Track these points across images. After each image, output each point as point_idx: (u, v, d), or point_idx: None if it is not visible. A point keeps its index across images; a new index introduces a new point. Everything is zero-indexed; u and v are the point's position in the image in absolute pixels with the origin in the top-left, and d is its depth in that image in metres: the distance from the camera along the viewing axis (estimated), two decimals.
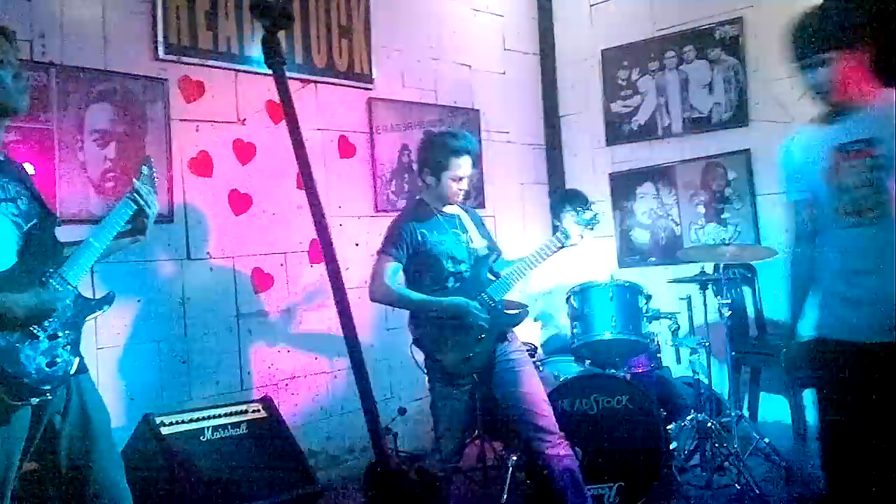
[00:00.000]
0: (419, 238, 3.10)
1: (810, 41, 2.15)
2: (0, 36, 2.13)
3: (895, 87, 2.14)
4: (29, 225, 2.16)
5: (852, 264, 2.17)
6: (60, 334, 2.12)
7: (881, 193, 2.09)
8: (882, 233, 2.10)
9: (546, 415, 3.07)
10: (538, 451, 3.08)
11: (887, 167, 2.08)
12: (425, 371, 3.19)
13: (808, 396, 4.57)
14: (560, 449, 3.05)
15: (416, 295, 3.09)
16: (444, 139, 3.15)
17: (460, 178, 3.12)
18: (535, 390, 3.10)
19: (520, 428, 3.19)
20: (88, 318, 2.24)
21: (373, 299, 3.14)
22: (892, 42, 1.96)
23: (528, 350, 3.50)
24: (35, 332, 2.06)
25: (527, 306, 3.39)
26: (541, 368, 3.80)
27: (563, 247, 3.26)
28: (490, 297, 3.10)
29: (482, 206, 5.16)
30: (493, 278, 3.19)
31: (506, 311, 3.17)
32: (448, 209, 3.22)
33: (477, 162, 3.22)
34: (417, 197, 3.32)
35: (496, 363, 3.12)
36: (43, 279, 2.11)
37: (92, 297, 2.31)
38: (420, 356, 3.17)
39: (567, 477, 3.04)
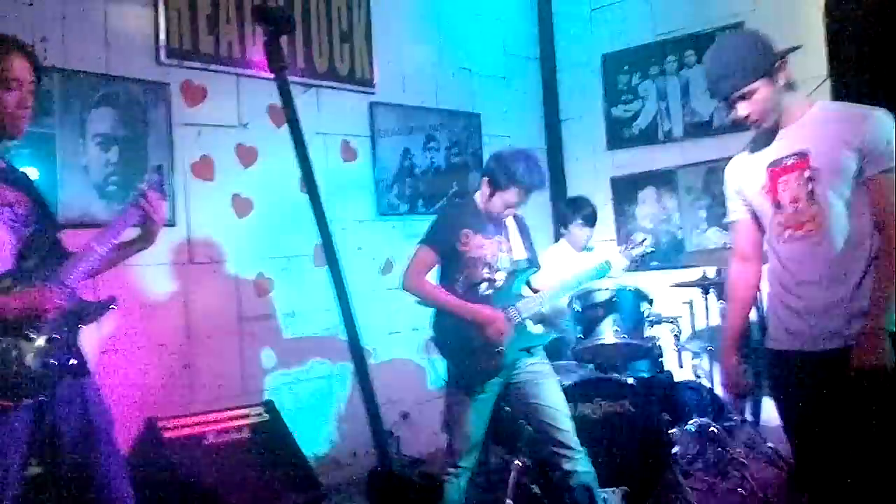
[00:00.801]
0: (462, 237, 3.05)
1: (730, 78, 2.22)
2: (21, 58, 2.09)
3: None
4: (28, 230, 2.16)
5: (796, 276, 2.23)
6: (56, 336, 2.12)
7: (817, 203, 2.16)
8: (821, 243, 2.17)
9: (566, 429, 3.03)
10: (556, 465, 3.05)
11: (819, 177, 2.15)
12: (444, 375, 3.17)
13: None
14: (578, 465, 3.00)
15: (445, 294, 3.05)
16: (516, 168, 3.02)
17: (514, 204, 3.08)
18: (556, 404, 3.06)
19: (539, 441, 3.16)
20: (87, 321, 2.24)
21: (404, 288, 3.11)
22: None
23: None
24: (30, 334, 2.06)
25: (551, 331, 3.36)
26: None
27: (603, 276, 3.26)
28: (518, 312, 3.06)
29: None
30: (527, 293, 3.15)
31: (531, 329, 3.14)
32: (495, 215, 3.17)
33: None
34: (471, 195, 3.25)
35: (517, 374, 3.08)
36: (37, 282, 2.11)
37: (92, 301, 2.30)
38: (435, 355, 3.15)
39: (584, 494, 3.01)
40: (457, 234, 3.06)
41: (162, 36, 3.73)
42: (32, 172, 3.17)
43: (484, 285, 3.08)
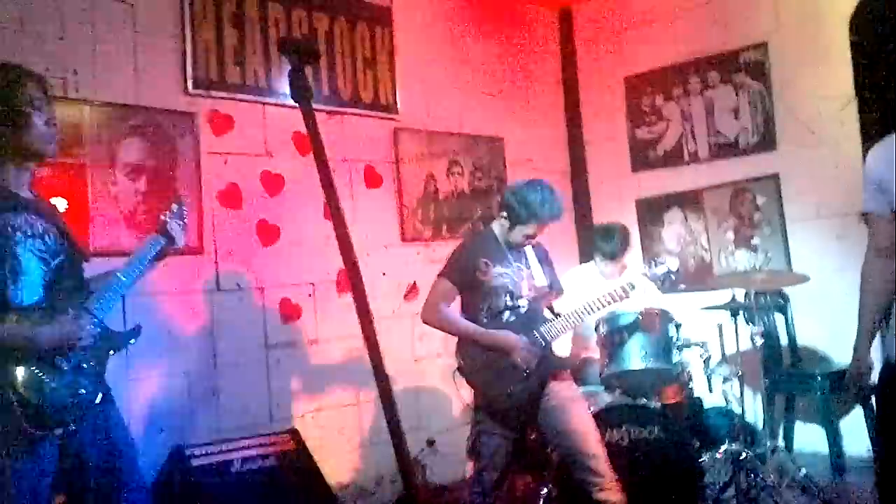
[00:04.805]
0: (482, 267, 3.08)
1: None
2: (34, 82, 2.21)
3: None
4: (56, 261, 2.20)
5: None
6: (84, 366, 2.15)
7: None
8: None
9: (597, 455, 2.99)
10: (587, 491, 3.00)
11: None
12: (472, 403, 3.16)
13: (846, 425, 4.46)
14: (611, 494, 2.95)
15: (466, 323, 3.07)
16: (533, 202, 3.06)
17: (533, 236, 3.13)
18: (586, 428, 3.03)
19: (570, 467, 3.11)
20: (115, 350, 2.27)
21: (424, 321, 3.14)
22: None
23: None
24: (58, 363, 2.08)
25: (580, 361, 3.35)
26: None
27: (626, 297, 3.24)
28: (542, 337, 3.06)
29: None
30: (551, 317, 3.15)
31: (556, 353, 3.12)
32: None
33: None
34: (489, 226, 3.30)
35: (544, 399, 3.06)
36: (68, 313, 2.14)
37: (119, 331, 2.33)
38: (461, 384, 3.14)
39: None
40: (476, 265, 3.08)
41: (189, 67, 3.79)
42: (63, 202, 3.23)
43: (507, 313, 3.08)
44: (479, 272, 3.07)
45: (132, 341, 2.32)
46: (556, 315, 3.17)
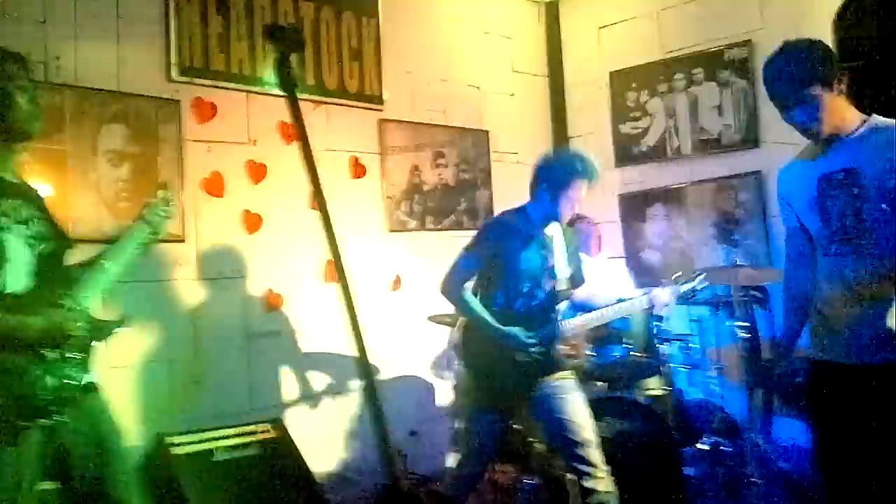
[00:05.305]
0: (507, 248, 3.04)
1: (793, 80, 2.22)
2: (14, 62, 2.18)
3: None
4: (41, 247, 2.17)
5: (840, 290, 2.22)
6: (70, 355, 2.12)
7: (864, 222, 2.16)
8: (866, 260, 2.16)
9: (588, 445, 2.98)
10: (578, 480, 3.00)
11: (868, 196, 2.14)
12: (460, 391, 3.16)
13: None
14: (599, 484, 2.94)
15: (478, 308, 3.04)
16: (572, 161, 3.10)
17: (576, 200, 3.10)
18: (579, 419, 3.02)
19: (562, 455, 3.12)
20: (101, 340, 2.25)
21: (441, 291, 3.12)
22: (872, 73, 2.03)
23: None
24: (45, 353, 2.06)
25: (581, 361, 3.36)
26: None
27: (648, 308, 3.27)
28: (549, 336, 3.04)
29: None
30: (562, 314, 3.12)
31: (559, 354, 3.11)
32: (547, 228, 3.16)
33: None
34: (521, 206, 3.23)
35: (540, 391, 3.05)
36: (55, 301, 2.12)
37: (104, 320, 2.31)
38: (456, 368, 3.13)
39: None
40: (501, 246, 3.04)
41: (173, 53, 3.76)
42: (44, 189, 3.20)
43: (521, 300, 3.05)
44: (503, 254, 3.03)
45: (117, 330, 2.30)
46: (576, 306, 3.16)
